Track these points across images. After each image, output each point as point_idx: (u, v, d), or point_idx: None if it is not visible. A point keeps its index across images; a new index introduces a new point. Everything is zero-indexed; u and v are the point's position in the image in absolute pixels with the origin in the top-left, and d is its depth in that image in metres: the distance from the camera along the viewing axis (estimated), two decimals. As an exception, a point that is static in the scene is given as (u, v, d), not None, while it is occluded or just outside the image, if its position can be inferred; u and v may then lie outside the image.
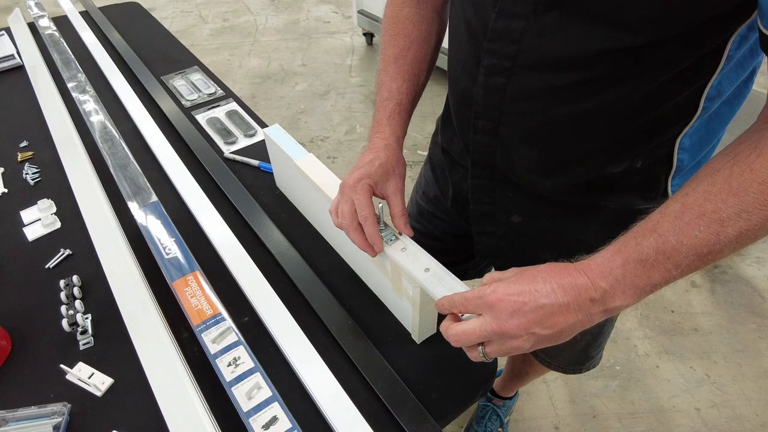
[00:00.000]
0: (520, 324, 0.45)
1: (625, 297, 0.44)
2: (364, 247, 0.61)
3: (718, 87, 0.51)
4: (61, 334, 0.70)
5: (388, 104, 0.67)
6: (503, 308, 0.45)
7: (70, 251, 0.82)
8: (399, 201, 0.63)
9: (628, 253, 0.44)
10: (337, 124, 2.47)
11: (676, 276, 0.44)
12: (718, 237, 0.41)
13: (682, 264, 0.43)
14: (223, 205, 0.89)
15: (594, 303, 0.44)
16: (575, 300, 0.44)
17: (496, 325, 0.45)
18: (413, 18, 0.69)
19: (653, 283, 0.44)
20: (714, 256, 0.43)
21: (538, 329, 0.45)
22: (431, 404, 0.61)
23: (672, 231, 0.43)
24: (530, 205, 0.67)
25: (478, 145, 0.64)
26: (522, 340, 0.46)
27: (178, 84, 1.24)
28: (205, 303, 0.67)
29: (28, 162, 1.01)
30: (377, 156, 0.63)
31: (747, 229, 0.41)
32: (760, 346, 1.54)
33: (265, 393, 0.59)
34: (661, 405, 1.41)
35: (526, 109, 0.56)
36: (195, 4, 3.70)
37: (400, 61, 0.68)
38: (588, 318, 0.45)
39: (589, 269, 0.45)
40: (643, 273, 0.44)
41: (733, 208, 0.41)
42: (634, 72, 0.49)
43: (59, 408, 0.61)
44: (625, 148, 0.57)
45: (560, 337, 0.47)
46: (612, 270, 0.44)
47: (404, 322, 0.70)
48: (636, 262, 0.44)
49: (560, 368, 0.97)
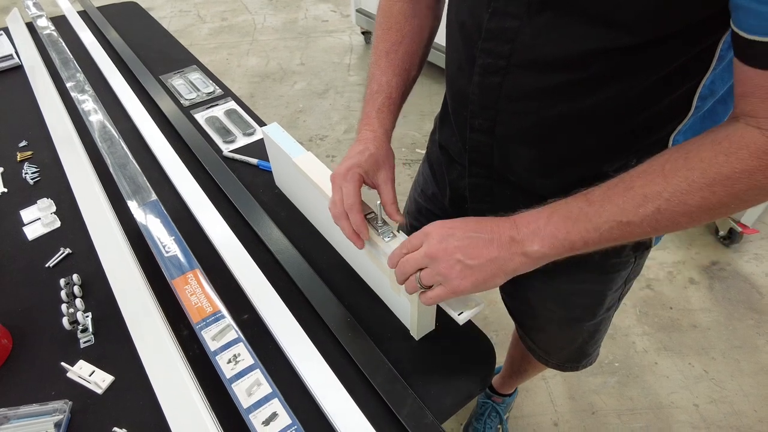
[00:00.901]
0: (447, 249, 0.52)
1: (542, 244, 0.50)
2: (351, 236, 0.62)
3: (711, 86, 0.52)
4: (62, 332, 0.70)
5: (377, 97, 0.68)
6: (435, 235, 0.53)
7: (70, 250, 0.82)
8: (390, 189, 0.64)
9: (555, 208, 0.50)
10: (335, 123, 2.47)
11: (595, 239, 0.48)
12: (637, 210, 0.46)
13: (601, 228, 0.47)
14: (223, 203, 0.89)
15: (514, 242, 0.51)
16: (498, 237, 0.51)
17: (426, 248, 0.53)
18: (406, 13, 0.69)
19: (572, 239, 0.49)
20: (632, 228, 0.47)
21: (462, 257, 0.51)
22: (430, 400, 0.62)
23: (599, 197, 0.48)
24: (528, 204, 0.68)
25: (474, 144, 0.65)
26: (449, 267, 0.52)
27: (176, 83, 1.24)
28: (204, 301, 0.68)
29: (28, 162, 1.01)
30: (367, 147, 0.64)
31: (665, 208, 0.45)
32: (758, 342, 1.54)
33: (265, 389, 0.59)
34: (660, 401, 1.42)
35: (521, 108, 0.57)
36: (193, 4, 3.69)
37: (392, 56, 0.69)
38: (509, 256, 0.51)
39: (519, 217, 0.52)
40: (564, 227, 0.49)
41: (657, 187, 0.45)
42: (627, 72, 0.49)
43: (60, 405, 0.61)
44: (621, 147, 0.57)
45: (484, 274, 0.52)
46: (537, 219, 0.51)
47: (403, 319, 0.71)
48: (560, 217, 0.49)
49: (558, 365, 0.98)
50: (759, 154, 0.41)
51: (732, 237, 1.80)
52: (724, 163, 0.42)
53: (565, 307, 0.80)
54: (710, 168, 0.43)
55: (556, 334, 0.90)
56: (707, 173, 0.43)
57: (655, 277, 1.74)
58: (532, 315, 0.88)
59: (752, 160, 0.41)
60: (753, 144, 0.42)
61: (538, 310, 0.84)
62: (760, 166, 0.41)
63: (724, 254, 1.81)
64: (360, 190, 0.61)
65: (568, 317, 0.83)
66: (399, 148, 2.30)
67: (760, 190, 0.43)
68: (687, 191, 0.43)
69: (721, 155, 0.43)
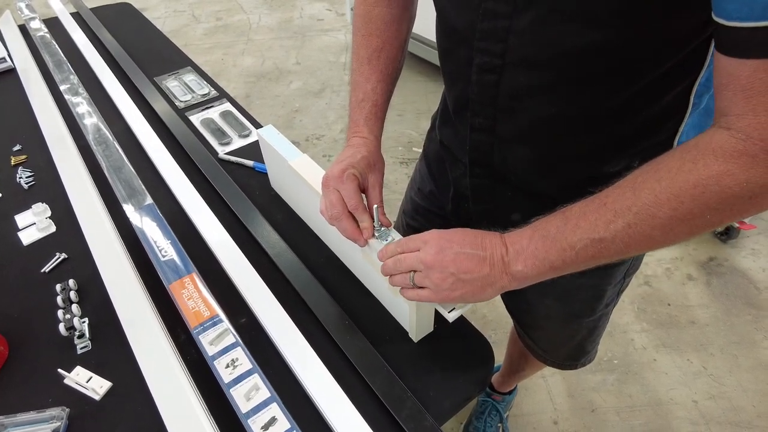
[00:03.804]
0: (442, 261, 0.52)
1: (525, 264, 0.50)
2: (355, 235, 0.61)
3: (706, 83, 0.52)
4: (59, 338, 0.69)
5: (364, 105, 0.68)
6: (433, 244, 0.54)
7: (65, 255, 0.82)
8: (377, 193, 0.64)
9: (537, 227, 0.51)
10: (332, 123, 2.47)
11: (571, 258, 0.48)
12: (608, 226, 0.45)
13: (576, 246, 0.47)
14: (219, 206, 0.89)
15: (503, 262, 0.51)
16: (491, 255, 0.52)
17: (423, 255, 0.54)
18: (385, 18, 0.69)
19: (551, 258, 0.49)
20: (605, 245, 0.46)
21: (455, 270, 0.52)
22: (429, 402, 0.62)
23: (575, 215, 0.48)
24: (530, 204, 0.68)
25: (475, 143, 0.65)
26: (441, 278, 0.53)
27: (171, 85, 1.23)
28: (202, 305, 0.67)
29: (22, 166, 1.01)
30: (359, 150, 0.64)
31: (634, 222, 0.44)
32: (755, 337, 1.55)
33: (264, 394, 0.59)
34: (659, 398, 1.42)
35: (518, 106, 0.57)
36: (188, 4, 3.67)
37: (374, 62, 0.69)
38: (498, 275, 0.51)
39: (509, 235, 0.53)
40: (543, 247, 0.49)
41: (627, 201, 0.44)
42: (616, 71, 0.49)
43: (58, 412, 0.61)
44: (620, 147, 0.57)
45: (474, 288, 0.53)
46: (521, 239, 0.51)
47: (401, 321, 0.70)
48: (540, 237, 0.50)
49: (556, 364, 0.98)
50: (726, 157, 0.40)
51: (729, 233, 1.80)
52: (690, 170, 0.41)
53: (564, 303, 0.80)
54: (677, 177, 0.41)
55: (555, 331, 0.90)
56: (674, 183, 0.42)
57: (653, 274, 1.74)
58: (531, 312, 0.88)
59: (718, 165, 0.40)
60: (720, 148, 0.40)
61: (537, 306, 0.84)
62: (728, 171, 0.40)
63: (721, 250, 1.81)
64: (359, 191, 0.61)
65: (566, 313, 0.83)
66: (396, 146, 2.30)
67: (735, 198, 0.40)
68: (654, 204, 0.42)
69: (688, 162, 0.41)
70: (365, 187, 0.64)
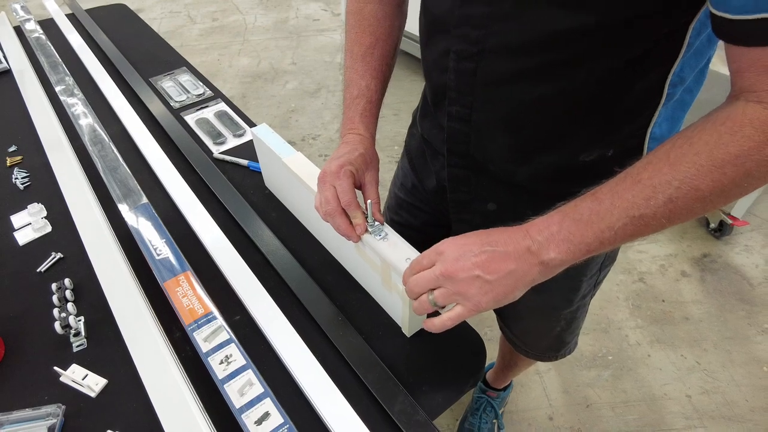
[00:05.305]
0: (465, 266, 0.49)
1: (558, 250, 0.48)
2: (348, 232, 0.62)
3: (680, 74, 0.53)
4: (54, 336, 0.70)
5: (359, 102, 0.69)
6: (450, 253, 0.51)
7: (61, 255, 0.82)
8: (374, 190, 0.65)
9: (566, 212, 0.49)
10: (328, 122, 2.47)
11: (610, 238, 0.47)
12: (648, 201, 0.44)
13: (615, 226, 0.46)
14: (213, 205, 0.90)
15: (531, 254, 0.49)
16: (515, 249, 0.49)
17: (443, 267, 0.50)
18: (378, 15, 0.70)
19: (587, 241, 0.47)
20: (646, 221, 0.45)
21: (481, 272, 0.49)
22: (422, 397, 0.62)
23: (608, 194, 0.47)
24: (505, 194, 0.69)
25: (453, 132, 0.65)
26: (467, 284, 0.49)
27: (166, 85, 1.24)
28: (196, 302, 0.68)
29: (17, 167, 1.01)
30: (356, 147, 0.65)
31: (676, 197, 0.44)
32: (748, 332, 1.56)
33: (257, 389, 0.60)
34: (653, 393, 1.43)
35: (496, 94, 0.57)
36: (183, 5, 3.67)
37: (368, 59, 0.69)
38: (527, 268, 0.49)
39: (531, 225, 0.50)
40: (577, 230, 0.47)
41: (666, 176, 0.44)
42: (593, 56, 0.50)
43: (54, 409, 0.61)
44: (596, 136, 0.58)
45: (504, 288, 0.50)
46: (549, 225, 0.49)
47: (394, 317, 0.71)
48: (572, 221, 0.48)
49: (537, 356, 1.00)
50: (764, 128, 0.41)
51: (723, 229, 1.82)
52: (729, 142, 0.42)
53: (542, 294, 0.81)
54: (717, 149, 0.42)
55: (535, 323, 0.92)
56: (715, 155, 0.42)
57: (647, 271, 1.75)
58: (511, 304, 0.89)
59: (758, 135, 0.41)
60: (757, 119, 0.41)
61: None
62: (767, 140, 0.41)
63: (715, 246, 1.82)
64: (354, 188, 0.62)
65: (545, 305, 0.84)
66: (392, 146, 2.31)
67: None
68: (696, 176, 0.43)
69: (726, 135, 0.42)
70: (362, 184, 0.65)
